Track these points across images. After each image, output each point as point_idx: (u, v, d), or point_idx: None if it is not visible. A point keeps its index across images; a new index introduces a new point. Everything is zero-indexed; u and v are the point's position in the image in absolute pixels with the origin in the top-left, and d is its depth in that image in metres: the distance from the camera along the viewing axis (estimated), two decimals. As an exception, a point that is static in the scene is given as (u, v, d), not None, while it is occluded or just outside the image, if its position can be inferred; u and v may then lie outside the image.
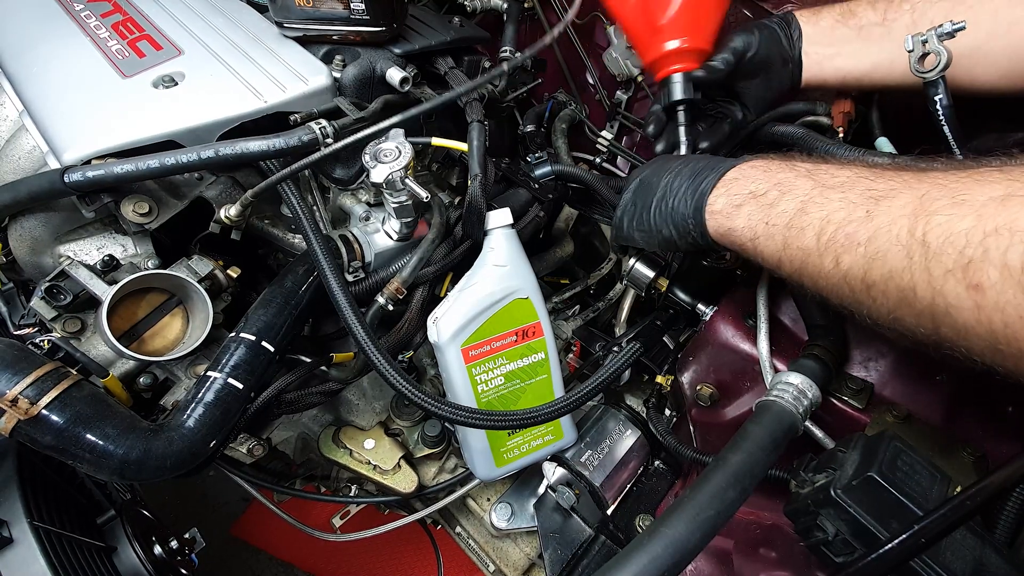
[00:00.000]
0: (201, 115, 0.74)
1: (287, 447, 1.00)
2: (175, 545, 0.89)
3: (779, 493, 0.71)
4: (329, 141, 0.73)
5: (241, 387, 0.68)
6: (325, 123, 0.74)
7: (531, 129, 1.11)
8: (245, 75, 0.80)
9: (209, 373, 0.68)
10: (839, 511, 0.54)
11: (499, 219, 0.82)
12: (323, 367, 0.83)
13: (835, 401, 0.71)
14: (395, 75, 0.83)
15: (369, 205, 0.88)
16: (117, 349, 0.67)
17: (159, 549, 0.85)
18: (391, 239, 0.86)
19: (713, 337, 0.82)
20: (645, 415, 1.01)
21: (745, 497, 0.51)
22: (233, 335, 0.71)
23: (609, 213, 0.82)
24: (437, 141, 0.80)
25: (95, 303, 0.71)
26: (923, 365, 0.71)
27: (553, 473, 0.95)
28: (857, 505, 0.53)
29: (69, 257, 0.74)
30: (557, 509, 0.99)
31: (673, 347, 0.93)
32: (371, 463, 0.95)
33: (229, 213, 0.74)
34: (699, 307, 0.88)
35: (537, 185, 0.93)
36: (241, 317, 0.73)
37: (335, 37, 0.85)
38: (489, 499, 1.05)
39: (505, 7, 1.08)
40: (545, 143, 1.12)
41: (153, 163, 0.67)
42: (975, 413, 0.67)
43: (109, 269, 0.73)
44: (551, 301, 1.14)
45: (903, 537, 0.46)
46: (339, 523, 1.14)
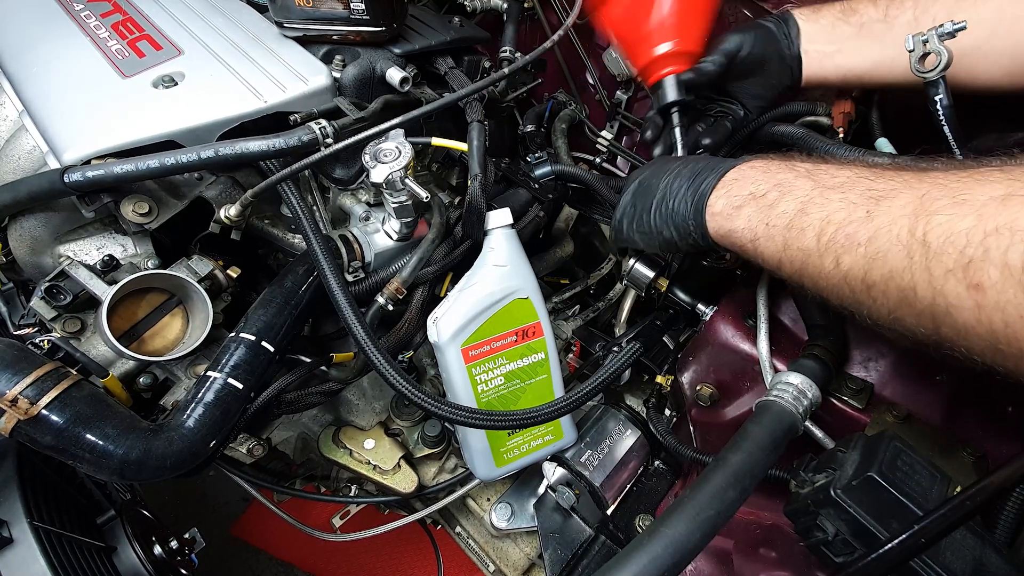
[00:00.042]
0: (201, 115, 0.74)
1: (287, 447, 1.00)
2: (175, 545, 0.89)
3: (779, 493, 0.71)
4: (329, 141, 0.73)
5: (241, 387, 0.68)
6: (325, 123, 0.74)
7: (531, 129, 1.11)
8: (245, 75, 0.80)
9: (209, 373, 0.68)
10: (839, 511, 0.54)
11: (499, 219, 0.82)
12: (323, 367, 0.83)
13: (835, 401, 0.71)
14: (395, 75, 0.83)
15: (369, 205, 0.88)
16: (117, 349, 0.67)
17: (159, 549, 0.85)
18: (391, 239, 0.86)
19: (713, 337, 0.82)
20: (645, 415, 1.01)
21: (745, 497, 0.51)
22: (233, 335, 0.71)
23: (609, 213, 0.82)
24: (437, 141, 0.80)
25: (95, 303, 0.71)
26: (923, 365, 0.71)
27: (553, 473, 0.95)
28: (857, 505, 0.53)
29: (69, 257, 0.74)
30: (557, 509, 0.99)
31: (673, 347, 0.93)
32: (371, 463, 0.95)
33: (229, 213, 0.74)
34: (699, 307, 0.88)
35: (537, 185, 0.93)
36: (241, 317, 0.73)
37: (335, 37, 0.85)
38: (489, 499, 1.05)
39: (505, 7, 1.08)
40: (545, 143, 1.12)
41: (153, 163, 0.67)
42: (975, 413, 0.67)
43: (109, 269, 0.73)
44: (551, 301, 1.14)
45: (903, 537, 0.46)
46: (339, 523, 1.14)
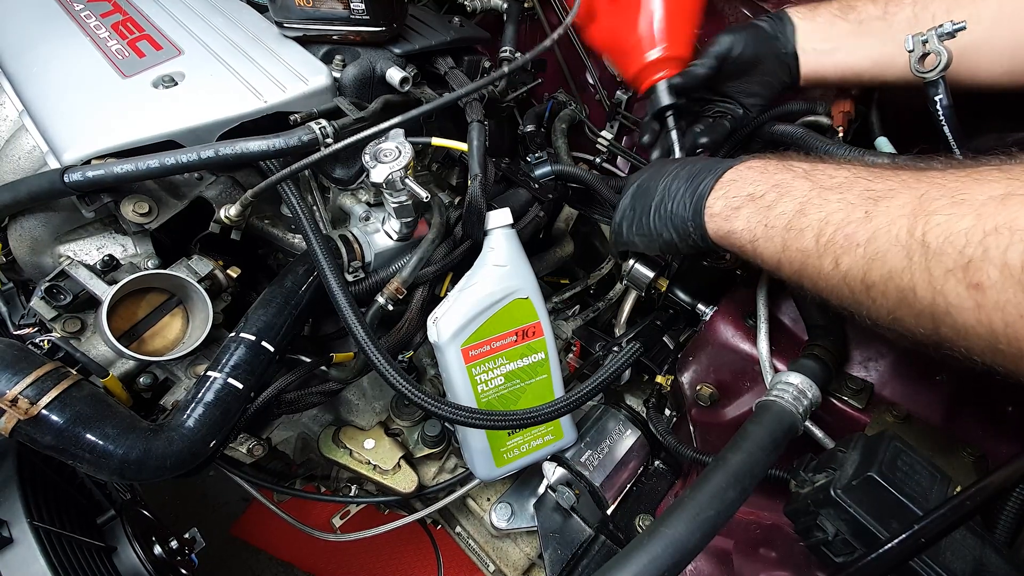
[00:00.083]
0: (201, 115, 0.74)
1: (287, 447, 1.00)
2: (175, 545, 0.89)
3: (779, 493, 0.71)
4: (329, 141, 0.73)
5: (241, 387, 0.68)
6: (325, 123, 0.74)
7: (531, 129, 1.11)
8: (245, 75, 0.80)
9: (209, 373, 0.68)
10: (839, 511, 0.54)
11: (499, 219, 0.82)
12: (323, 367, 0.83)
13: (835, 401, 0.71)
14: (395, 75, 0.83)
15: (369, 205, 0.88)
16: (117, 349, 0.67)
17: (159, 549, 0.85)
18: (391, 239, 0.86)
19: (713, 337, 0.82)
20: (645, 415, 1.01)
21: (745, 497, 0.51)
22: (233, 335, 0.71)
23: (609, 213, 0.83)
24: (437, 141, 0.80)
25: (95, 303, 0.71)
26: (923, 365, 0.71)
27: (553, 473, 0.95)
28: (857, 505, 0.53)
29: (69, 257, 0.74)
30: (557, 509, 0.99)
31: (673, 347, 0.93)
32: (371, 463, 0.95)
33: (229, 213, 0.74)
34: (699, 307, 0.88)
35: (537, 185, 0.93)
36: (241, 317, 0.73)
37: (335, 37, 0.85)
38: (489, 499, 1.05)
39: (505, 7, 1.08)
40: (545, 143, 1.12)
41: (153, 163, 0.67)
42: (975, 413, 0.67)
43: (109, 269, 0.73)
44: (551, 301, 1.14)
45: (903, 537, 0.46)
46: (339, 523, 1.14)
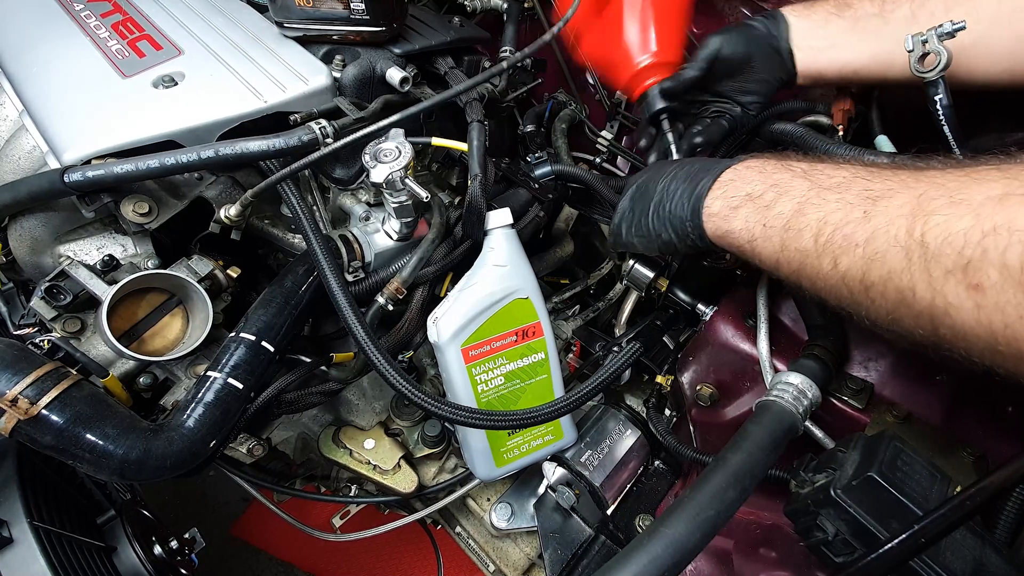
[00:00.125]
0: (201, 115, 0.74)
1: (287, 447, 1.00)
2: (175, 545, 0.89)
3: (779, 493, 0.71)
4: (329, 141, 0.73)
5: (241, 387, 0.68)
6: (325, 123, 0.74)
7: (531, 129, 1.11)
8: (245, 75, 0.80)
9: (209, 373, 0.68)
10: (839, 511, 0.54)
11: (499, 219, 0.82)
12: (323, 367, 0.83)
13: (835, 401, 0.71)
14: (395, 75, 0.83)
15: (369, 205, 0.88)
16: (117, 349, 0.67)
17: (159, 549, 0.85)
18: (391, 239, 0.85)
19: (713, 337, 0.82)
20: (645, 415, 1.01)
21: (745, 497, 0.51)
22: (233, 335, 0.71)
23: (609, 213, 0.83)
24: (437, 141, 0.80)
25: (95, 303, 0.71)
26: (923, 365, 0.71)
27: (553, 473, 0.95)
28: (857, 505, 0.53)
29: (69, 257, 0.74)
30: (557, 509, 0.98)
31: (673, 347, 0.93)
32: (371, 463, 0.95)
33: (229, 213, 0.74)
34: (699, 307, 0.88)
35: (537, 185, 0.93)
36: (241, 317, 0.73)
37: (335, 37, 0.85)
38: (489, 499, 1.05)
39: (505, 7, 1.08)
40: (545, 143, 1.12)
41: (153, 163, 0.67)
42: (975, 413, 0.67)
43: (109, 269, 0.73)
44: (551, 301, 1.14)
45: (903, 537, 0.46)
46: (339, 523, 1.14)
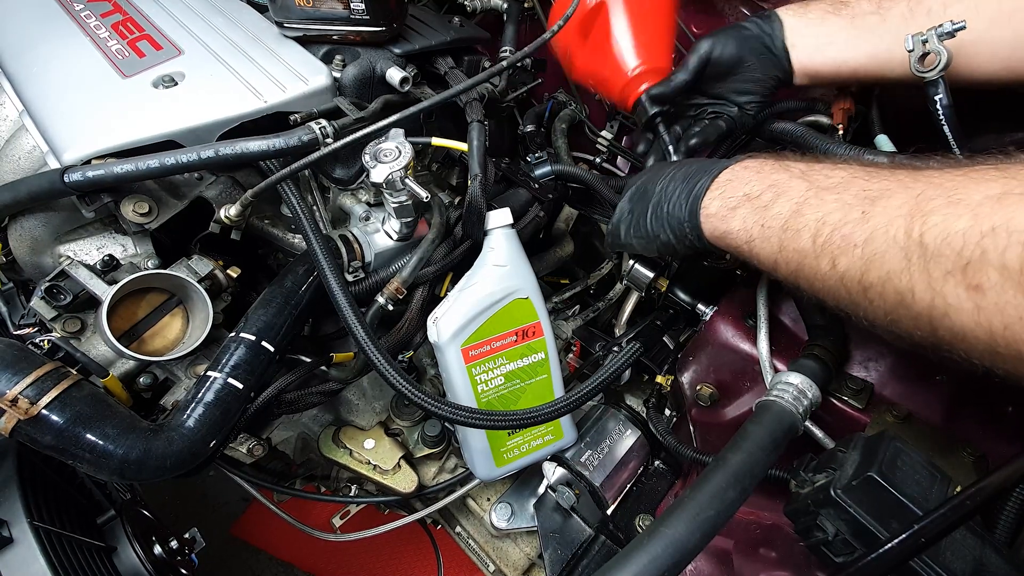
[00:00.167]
0: (201, 115, 0.74)
1: (287, 447, 1.00)
2: (175, 545, 0.89)
3: (779, 493, 0.71)
4: (329, 141, 0.73)
5: (241, 387, 0.68)
6: (325, 123, 0.74)
7: (531, 129, 1.10)
8: (245, 75, 0.80)
9: (209, 373, 0.68)
10: (839, 511, 0.54)
11: (499, 219, 0.82)
12: (323, 367, 0.83)
13: (835, 401, 0.71)
14: (395, 75, 0.83)
15: (369, 205, 0.88)
16: (117, 349, 0.67)
17: (159, 549, 0.85)
18: (391, 239, 0.85)
19: (713, 337, 0.82)
20: (645, 415, 1.01)
21: (745, 497, 0.51)
22: (233, 335, 0.71)
23: (609, 213, 0.83)
24: (437, 141, 0.80)
25: (95, 303, 0.71)
26: (923, 365, 0.71)
27: (553, 473, 0.95)
28: (857, 505, 0.53)
29: (69, 257, 0.74)
30: (557, 509, 0.98)
31: (673, 347, 0.93)
32: (371, 463, 0.95)
33: (229, 213, 0.74)
34: (699, 307, 0.88)
35: (537, 185, 0.93)
36: (241, 317, 0.73)
37: (335, 37, 0.85)
38: (489, 499, 1.05)
39: (505, 7, 1.08)
40: (545, 143, 1.12)
41: (153, 163, 0.67)
42: (975, 413, 0.67)
43: (109, 269, 0.73)
44: (551, 301, 1.14)
45: (903, 537, 0.46)
46: (339, 523, 1.14)
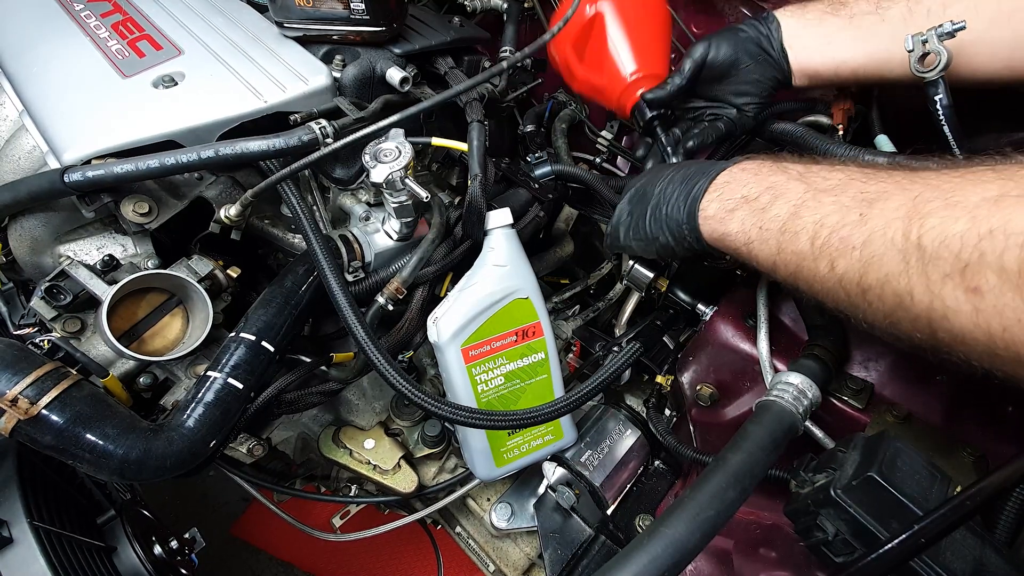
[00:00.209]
0: (201, 115, 0.74)
1: (287, 447, 1.00)
2: (175, 545, 0.89)
3: (779, 493, 0.71)
4: (329, 141, 0.73)
5: (241, 387, 0.68)
6: (325, 123, 0.74)
7: (531, 129, 1.10)
8: (245, 75, 0.80)
9: (209, 373, 0.68)
10: (839, 511, 0.54)
11: (499, 219, 0.82)
12: (323, 367, 0.83)
13: (835, 401, 0.71)
14: (395, 75, 0.83)
15: (369, 205, 0.88)
16: (117, 349, 0.67)
17: (159, 549, 0.85)
18: (391, 239, 0.85)
19: (713, 337, 0.82)
20: (645, 415, 1.01)
21: (745, 497, 0.51)
22: (233, 335, 0.71)
23: (609, 213, 0.83)
24: (437, 141, 0.80)
25: (95, 303, 0.71)
26: (923, 366, 0.71)
27: (553, 473, 0.95)
28: (857, 505, 0.53)
29: (69, 257, 0.74)
30: (557, 509, 0.98)
31: (673, 347, 0.93)
32: (371, 463, 0.95)
33: (229, 213, 0.74)
34: (699, 307, 0.88)
35: (537, 185, 0.93)
36: (241, 317, 0.73)
37: (335, 37, 0.85)
38: (489, 499, 1.05)
39: (505, 7, 1.08)
40: (545, 143, 1.12)
41: (153, 163, 0.67)
42: (975, 413, 0.67)
43: (109, 269, 0.73)
44: (551, 301, 1.14)
45: (903, 537, 0.46)
46: (339, 523, 1.14)
